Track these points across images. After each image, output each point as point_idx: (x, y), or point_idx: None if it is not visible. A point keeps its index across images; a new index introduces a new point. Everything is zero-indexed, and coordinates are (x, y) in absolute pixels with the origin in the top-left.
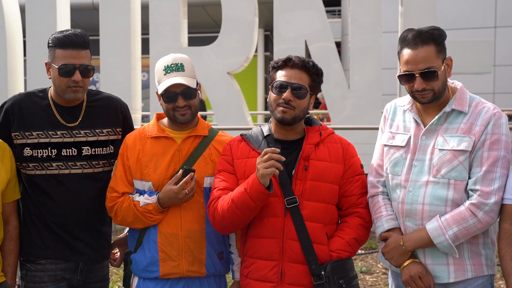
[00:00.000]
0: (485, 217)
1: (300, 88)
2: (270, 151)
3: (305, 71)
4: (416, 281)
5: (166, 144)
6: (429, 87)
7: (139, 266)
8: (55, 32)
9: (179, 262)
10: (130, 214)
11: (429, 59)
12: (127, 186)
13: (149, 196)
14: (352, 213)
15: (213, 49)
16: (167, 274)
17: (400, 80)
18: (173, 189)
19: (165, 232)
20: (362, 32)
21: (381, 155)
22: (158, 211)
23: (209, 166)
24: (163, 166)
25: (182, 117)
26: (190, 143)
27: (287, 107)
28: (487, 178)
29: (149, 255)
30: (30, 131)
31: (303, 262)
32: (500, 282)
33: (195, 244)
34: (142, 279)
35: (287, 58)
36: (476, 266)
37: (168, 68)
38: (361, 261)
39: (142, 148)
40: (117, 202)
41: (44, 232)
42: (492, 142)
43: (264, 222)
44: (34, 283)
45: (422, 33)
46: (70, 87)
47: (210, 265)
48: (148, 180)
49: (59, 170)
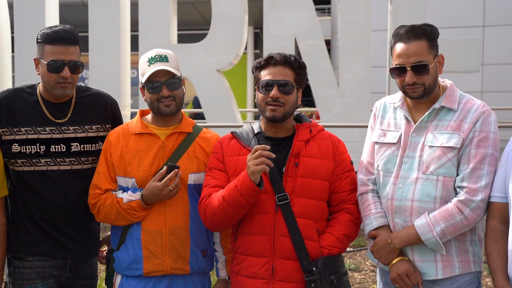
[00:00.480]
0: (471, 214)
1: (286, 84)
2: (260, 148)
3: (288, 67)
4: (404, 279)
5: (150, 140)
6: (420, 81)
7: (122, 264)
8: (44, 28)
9: (163, 259)
10: (113, 211)
11: (420, 53)
12: (110, 183)
13: (132, 193)
14: (342, 210)
15: (203, 46)
16: (150, 271)
17: (392, 73)
18: (157, 185)
19: (149, 229)
20: (352, 30)
21: (371, 152)
22: (142, 208)
23: (194, 163)
24: (146, 162)
25: (167, 108)
26: (174, 139)
27: (276, 104)
28: (474, 175)
29: (132, 253)
30: (18, 127)
31: (294, 258)
32: (487, 279)
33: (179, 241)
34: (125, 277)
35: (269, 57)
36: (464, 263)
37: (152, 59)
38: (350, 258)
39: (126, 144)
40: (100, 199)
41: (32, 229)
42: (480, 139)
43: (255, 219)
44: (22, 280)
45: (415, 28)
46: (59, 83)
47: (194, 263)
48: (131, 177)
49: (48, 167)
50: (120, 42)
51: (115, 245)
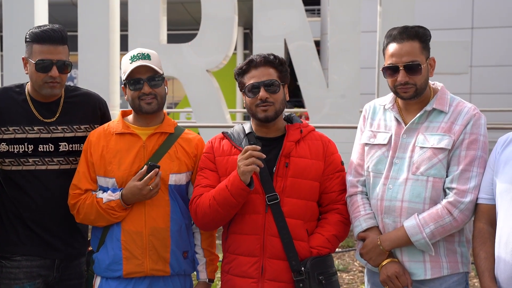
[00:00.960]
0: (460, 216)
1: (272, 83)
2: (251, 149)
3: (270, 66)
4: (393, 281)
5: (130, 140)
6: (412, 81)
7: (101, 265)
8: (32, 27)
9: (143, 260)
10: (93, 211)
11: (413, 53)
12: (90, 183)
13: (112, 193)
14: (332, 210)
15: (193, 47)
16: (130, 272)
17: (384, 73)
18: (137, 185)
19: (129, 230)
20: (341, 31)
21: (361, 154)
22: (122, 208)
23: (175, 163)
24: (127, 162)
25: (148, 105)
26: (156, 140)
27: (266, 104)
28: (463, 177)
29: (112, 254)
30: (6, 126)
31: (284, 258)
32: (475, 280)
33: (159, 242)
34: (105, 278)
35: (249, 60)
36: (452, 264)
37: (134, 57)
38: (338, 259)
39: (106, 144)
40: (80, 199)
41: (20, 229)
42: (470, 141)
43: (245, 219)
44: (10, 280)
45: (409, 28)
46: (47, 83)
47: (174, 264)
48: (111, 176)
49: (36, 166)
50: (109, 41)
51: (95, 247)
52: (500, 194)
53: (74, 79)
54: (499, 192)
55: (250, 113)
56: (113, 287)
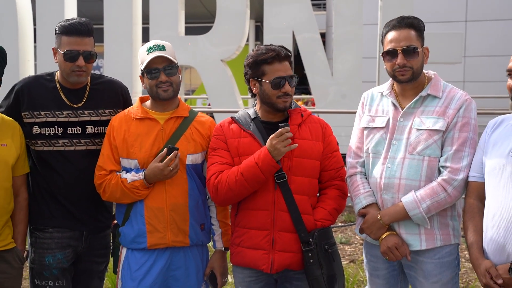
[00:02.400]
0: (454, 192)
1: (292, 77)
2: (285, 131)
3: (288, 60)
4: (393, 251)
5: (150, 125)
6: (409, 64)
7: (127, 238)
8: (62, 21)
9: (165, 233)
10: (118, 190)
11: (410, 39)
12: (114, 165)
13: (135, 173)
14: (331, 186)
15: (208, 38)
16: (154, 244)
17: (384, 58)
18: (159, 166)
19: (152, 206)
20: (345, 24)
21: (359, 138)
22: (145, 187)
23: (191, 144)
24: (147, 145)
25: (165, 93)
26: (172, 123)
27: (288, 97)
28: (456, 156)
29: (137, 228)
30: (38, 111)
31: (293, 231)
32: (466, 252)
33: (179, 216)
34: (130, 250)
35: (276, 53)
36: (445, 236)
37: (151, 48)
38: (341, 233)
39: (128, 128)
40: (105, 180)
41: (52, 204)
42: (462, 124)
43: (256, 196)
44: (43, 249)
45: (405, 18)
46: (74, 71)
47: (193, 236)
48: (134, 158)
49: (65, 147)
50: (132, 34)
51: (120, 221)
52: (489, 172)
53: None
54: (488, 171)
55: (266, 102)
56: (138, 257)
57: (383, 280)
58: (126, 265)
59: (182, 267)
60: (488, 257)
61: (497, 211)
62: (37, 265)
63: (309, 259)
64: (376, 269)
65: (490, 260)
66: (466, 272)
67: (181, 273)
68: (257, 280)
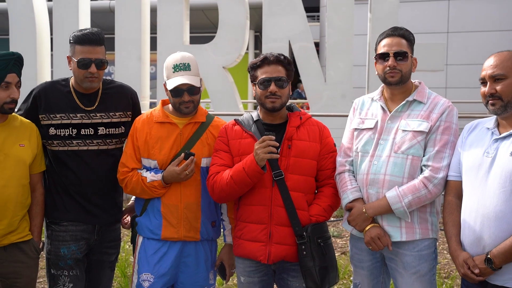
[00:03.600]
0: (434, 189)
1: (281, 79)
2: (267, 139)
3: (279, 64)
4: (376, 242)
5: (169, 128)
6: (399, 67)
7: (144, 228)
8: (75, 31)
9: (178, 228)
10: (138, 187)
11: (401, 45)
12: (135, 163)
13: (155, 174)
14: (327, 184)
15: (211, 47)
16: (167, 237)
17: (376, 61)
18: (176, 170)
19: (168, 203)
20: (337, 34)
21: (350, 139)
22: (162, 187)
23: (206, 148)
24: (167, 148)
25: (186, 109)
26: (191, 128)
27: (275, 97)
28: (438, 157)
29: (154, 221)
30: (54, 114)
31: (288, 225)
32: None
33: (192, 214)
34: (146, 238)
35: (264, 58)
36: (423, 230)
37: (177, 66)
38: (333, 227)
39: (149, 131)
40: (127, 176)
41: (66, 199)
42: (444, 128)
43: (255, 192)
44: (58, 242)
45: (398, 28)
46: (87, 78)
47: (204, 232)
48: (154, 159)
49: (79, 147)
50: (141, 43)
51: (138, 212)
52: (466, 172)
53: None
54: (465, 170)
55: (259, 103)
56: (153, 245)
57: (367, 271)
58: (143, 250)
59: (193, 255)
60: (466, 249)
61: (474, 207)
62: (53, 256)
63: (303, 252)
64: (361, 261)
65: (467, 252)
66: (448, 263)
67: (192, 261)
68: (257, 270)
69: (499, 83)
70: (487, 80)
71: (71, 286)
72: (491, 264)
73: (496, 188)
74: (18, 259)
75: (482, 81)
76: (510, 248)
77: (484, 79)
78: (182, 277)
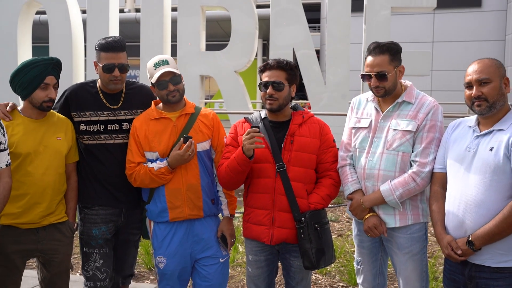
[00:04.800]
0: (421, 182)
1: (278, 83)
2: (252, 131)
3: (280, 69)
4: (372, 230)
5: (164, 123)
6: (382, 85)
7: (153, 214)
8: (100, 39)
9: (183, 208)
10: (147, 178)
11: (382, 65)
12: (140, 157)
13: (160, 162)
14: (326, 176)
15: (224, 54)
16: (174, 218)
17: (362, 78)
18: (179, 152)
19: (171, 188)
20: (335, 43)
21: (349, 135)
22: (169, 172)
23: (199, 135)
24: (165, 139)
25: (173, 98)
26: (183, 119)
27: (272, 99)
28: (424, 153)
29: (160, 206)
30: (84, 112)
31: (289, 211)
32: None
33: (193, 194)
34: (156, 223)
35: (266, 63)
36: (415, 216)
37: (157, 64)
38: (331, 212)
39: (147, 127)
40: (135, 171)
41: (97, 186)
42: (430, 126)
43: (261, 182)
44: (90, 224)
45: (380, 45)
46: (112, 80)
47: (206, 209)
48: (155, 151)
49: (106, 141)
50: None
51: (146, 198)
52: (450, 165)
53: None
54: (449, 163)
55: (264, 102)
56: (162, 228)
57: (367, 250)
58: (155, 236)
59: (199, 233)
60: (449, 233)
61: (457, 196)
62: (85, 236)
63: (301, 235)
64: (362, 241)
65: (451, 235)
66: (431, 244)
67: (200, 238)
68: (262, 250)
69: (485, 87)
70: (473, 84)
71: (101, 262)
72: (472, 246)
73: (476, 179)
74: (56, 238)
75: (468, 85)
76: (489, 232)
77: (470, 83)
78: (197, 253)
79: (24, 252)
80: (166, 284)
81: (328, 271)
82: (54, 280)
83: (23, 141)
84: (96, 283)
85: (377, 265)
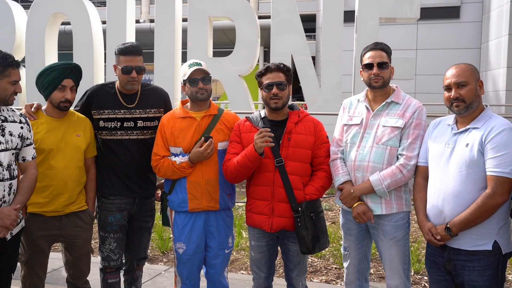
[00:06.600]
0: (407, 173)
1: (281, 83)
2: (264, 131)
3: (280, 71)
4: (361, 216)
5: (190, 121)
6: (382, 74)
7: (174, 204)
8: (119, 44)
9: (201, 200)
10: (170, 170)
11: (382, 57)
12: (165, 151)
13: (182, 157)
14: (320, 169)
15: (229, 59)
16: (193, 208)
17: (362, 69)
18: (200, 150)
19: (192, 180)
20: (329, 50)
21: (340, 132)
22: (190, 166)
23: (220, 135)
24: (189, 136)
25: (202, 96)
26: (206, 119)
27: (276, 98)
28: (410, 147)
29: (181, 196)
30: (103, 110)
31: (287, 201)
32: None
33: (212, 188)
34: (177, 212)
35: (267, 67)
36: (399, 205)
37: (191, 64)
38: (325, 202)
39: (174, 125)
40: (160, 163)
41: (113, 178)
42: (416, 124)
43: (261, 175)
44: (107, 211)
45: (378, 43)
46: (129, 81)
47: (222, 202)
48: (179, 146)
49: (122, 136)
50: (174, 56)
51: (167, 189)
52: (431, 159)
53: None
54: (431, 158)
55: (265, 103)
56: (182, 218)
57: (354, 237)
58: (175, 225)
59: (214, 224)
60: (430, 220)
61: (437, 187)
62: (102, 222)
63: (298, 223)
64: (349, 229)
65: (431, 222)
66: (415, 231)
67: (214, 229)
68: (264, 236)
69: (463, 89)
70: (452, 87)
71: (115, 245)
72: (449, 232)
73: (454, 172)
74: (77, 224)
75: (447, 87)
76: (464, 220)
77: (449, 86)
78: (209, 242)
79: (49, 237)
80: (183, 268)
81: (322, 254)
82: (77, 262)
83: (46, 138)
84: (110, 263)
85: (362, 251)
